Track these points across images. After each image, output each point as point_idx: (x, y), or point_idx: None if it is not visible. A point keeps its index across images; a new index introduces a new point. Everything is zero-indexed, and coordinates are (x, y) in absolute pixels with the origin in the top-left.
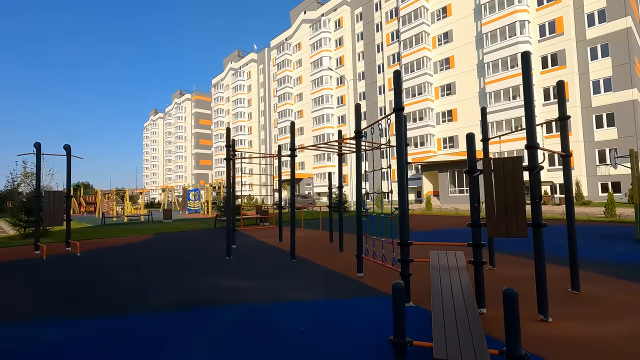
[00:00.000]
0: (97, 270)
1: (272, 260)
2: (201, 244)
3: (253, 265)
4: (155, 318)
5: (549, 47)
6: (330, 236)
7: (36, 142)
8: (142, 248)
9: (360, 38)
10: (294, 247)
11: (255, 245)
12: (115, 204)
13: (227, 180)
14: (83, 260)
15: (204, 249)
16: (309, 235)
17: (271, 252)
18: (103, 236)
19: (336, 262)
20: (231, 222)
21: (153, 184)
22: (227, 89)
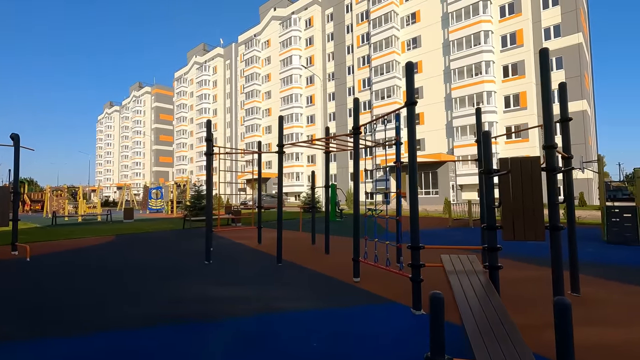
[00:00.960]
0: (54, 278)
1: (256, 264)
2: (172, 247)
3: (237, 270)
4: (137, 336)
5: (510, 57)
6: (312, 238)
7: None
8: (104, 251)
9: (330, 38)
10: (280, 250)
11: (233, 247)
12: (67, 202)
13: (207, 177)
14: (35, 266)
15: (177, 252)
16: (289, 236)
17: (253, 255)
18: (56, 238)
19: (325, 265)
20: (211, 223)
21: (107, 181)
22: (190, 83)
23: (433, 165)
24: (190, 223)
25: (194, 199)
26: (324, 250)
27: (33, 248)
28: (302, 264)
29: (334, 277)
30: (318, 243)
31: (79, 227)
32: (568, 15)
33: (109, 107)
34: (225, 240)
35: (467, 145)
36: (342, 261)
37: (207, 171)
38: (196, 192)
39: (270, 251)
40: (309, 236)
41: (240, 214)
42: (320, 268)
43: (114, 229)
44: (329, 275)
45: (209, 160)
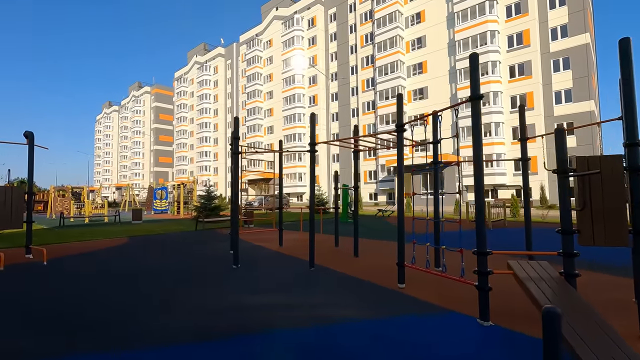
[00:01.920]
0: (76, 284)
1: (287, 268)
2: (191, 250)
3: (268, 275)
4: (185, 352)
5: (516, 58)
6: (335, 240)
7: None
8: (121, 255)
9: (333, 38)
10: (313, 253)
11: (255, 251)
12: (72, 202)
13: (233, 176)
14: (53, 271)
15: (199, 255)
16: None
17: (279, 259)
18: (67, 240)
19: (359, 269)
20: (237, 225)
21: (105, 182)
22: (191, 83)
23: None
24: (204, 224)
25: (205, 200)
26: (352, 252)
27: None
28: (334, 267)
29: (373, 282)
30: (342, 245)
31: (87, 228)
32: (575, 16)
33: (107, 107)
34: (244, 244)
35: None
36: (375, 264)
37: (234, 171)
38: (207, 193)
39: (295, 254)
40: (329, 238)
41: (253, 215)
42: (355, 272)
43: (125, 231)
44: (367, 280)
45: (236, 159)
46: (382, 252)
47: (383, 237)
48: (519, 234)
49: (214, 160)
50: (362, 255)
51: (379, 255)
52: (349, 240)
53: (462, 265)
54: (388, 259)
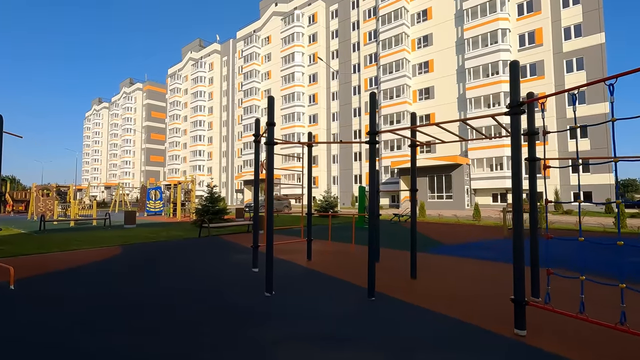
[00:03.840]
0: (60, 328)
1: (338, 297)
2: (202, 266)
3: (317, 309)
4: None
5: (528, 57)
6: (374, 253)
7: None
8: (115, 272)
9: (335, 35)
10: (373, 276)
11: (281, 266)
12: (57, 202)
13: (268, 173)
14: (20, 301)
15: (213, 274)
16: (337, 249)
17: (318, 281)
18: (47, 250)
19: (439, 300)
20: (272, 235)
21: (94, 181)
22: (185, 80)
23: (446, 168)
24: (209, 230)
25: (208, 202)
26: (402, 269)
27: (18, 267)
28: (402, 297)
29: (467, 321)
30: (385, 260)
31: (73, 233)
32: (590, 15)
33: (97, 103)
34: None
35: (482, 147)
36: (448, 291)
37: (268, 166)
38: (209, 194)
39: (333, 272)
40: (362, 250)
41: (263, 218)
42: (438, 306)
43: (117, 237)
44: (458, 319)
45: (270, 150)
46: (439, 270)
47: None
48: (589, 247)
49: (207, 160)
50: (421, 276)
51: (442, 276)
52: (385, 253)
53: (582, 298)
54: (461, 283)
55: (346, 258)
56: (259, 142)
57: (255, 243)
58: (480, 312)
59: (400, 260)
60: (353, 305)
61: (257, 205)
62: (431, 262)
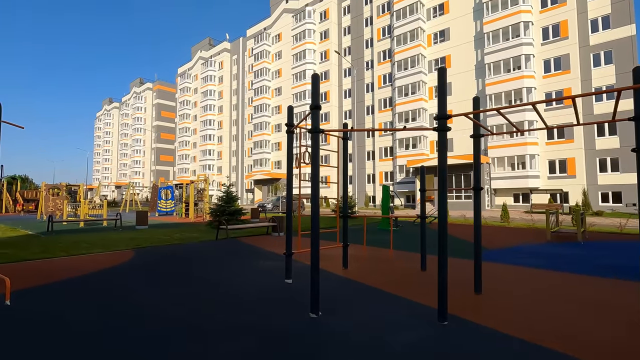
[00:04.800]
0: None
1: (398, 320)
2: (227, 277)
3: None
4: None
5: (552, 51)
6: (422, 260)
7: None
8: (129, 283)
9: (347, 32)
10: (445, 300)
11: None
12: (66, 202)
13: (313, 169)
14: (20, 320)
15: (241, 288)
16: (374, 255)
17: (366, 297)
18: (53, 254)
19: (521, 324)
20: (317, 242)
21: (105, 180)
22: (195, 79)
23: (465, 167)
24: (227, 232)
25: (223, 202)
26: (462, 283)
27: (18, 277)
28: (475, 319)
29: (578, 358)
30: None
31: (82, 234)
32: (619, 6)
33: (108, 103)
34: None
35: (503, 146)
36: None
37: (314, 154)
38: (225, 194)
39: (380, 285)
40: (401, 256)
41: (283, 220)
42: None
43: (129, 240)
44: (565, 354)
45: (315, 139)
46: (501, 283)
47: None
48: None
49: (217, 159)
50: (486, 289)
51: (508, 290)
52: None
53: None
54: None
55: (387, 266)
56: (292, 132)
57: (288, 250)
58: (584, 343)
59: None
60: (423, 331)
61: (290, 205)
62: (485, 271)
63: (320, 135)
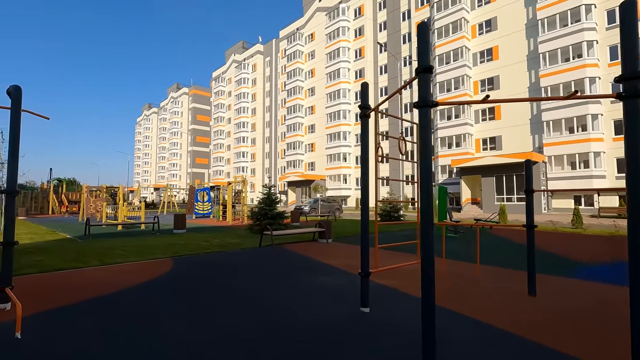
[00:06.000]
0: None
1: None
2: (281, 293)
3: None
4: None
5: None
6: (530, 282)
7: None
8: (165, 308)
9: (383, 27)
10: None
11: (388, 299)
12: (105, 204)
13: (423, 151)
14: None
15: (304, 314)
16: (456, 272)
17: (474, 338)
18: (84, 263)
19: None
20: (431, 255)
21: (144, 182)
22: (229, 82)
23: (517, 167)
24: (271, 239)
25: (265, 205)
26: (598, 320)
27: (43, 293)
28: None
29: None
30: (543, 292)
31: (118, 239)
32: None
33: (147, 109)
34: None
35: (562, 142)
36: None
37: (424, 148)
38: (266, 195)
39: (485, 317)
40: (489, 272)
41: (330, 225)
42: None
43: (167, 247)
44: None
45: (426, 115)
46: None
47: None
48: None
49: (251, 161)
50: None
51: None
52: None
53: None
54: None
55: (478, 287)
56: (367, 116)
57: (364, 268)
58: None
59: (563, 294)
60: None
61: (367, 206)
62: (603, 296)
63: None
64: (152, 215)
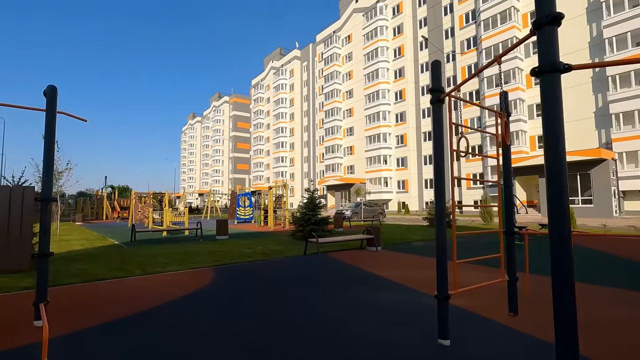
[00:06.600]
0: None
1: None
2: (333, 312)
3: None
4: None
5: None
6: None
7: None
8: (205, 323)
9: (423, 24)
10: None
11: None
12: (152, 209)
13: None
14: None
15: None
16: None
17: None
18: (127, 272)
19: None
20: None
21: (190, 189)
22: (267, 89)
23: (581, 165)
24: (317, 247)
25: (307, 210)
26: None
27: (75, 307)
28: None
29: None
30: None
31: (162, 245)
32: None
33: (191, 118)
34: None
35: (636, 136)
36: None
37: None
38: (309, 200)
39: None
40: (590, 291)
41: (379, 231)
42: None
43: (209, 254)
44: None
45: (555, 84)
46: None
47: None
48: None
49: (290, 166)
50: None
51: None
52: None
53: None
54: None
55: (595, 315)
56: (442, 101)
57: (443, 291)
58: None
59: None
60: None
61: (442, 212)
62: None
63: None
64: (196, 221)
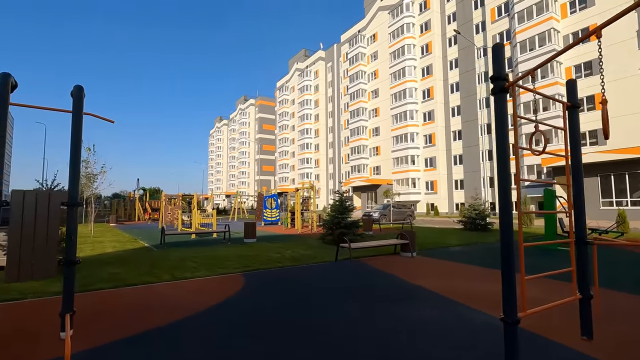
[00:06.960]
0: None
1: None
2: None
3: None
4: None
5: None
6: None
7: None
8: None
9: (452, 19)
10: None
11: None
12: (181, 211)
13: None
14: None
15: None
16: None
17: None
18: (156, 277)
19: None
20: None
21: (217, 190)
22: (292, 90)
23: (629, 164)
24: (350, 252)
25: (337, 212)
26: None
27: (102, 315)
28: None
29: None
30: None
31: (191, 248)
32: None
33: (218, 121)
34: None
35: None
36: None
37: None
38: (339, 202)
39: None
40: None
41: (413, 235)
42: None
43: (237, 259)
44: None
45: None
46: None
47: None
48: None
49: (315, 167)
50: None
51: None
52: None
53: None
54: None
55: None
56: (506, 90)
57: (511, 313)
58: None
59: None
60: None
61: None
62: None
63: None
64: (224, 223)
